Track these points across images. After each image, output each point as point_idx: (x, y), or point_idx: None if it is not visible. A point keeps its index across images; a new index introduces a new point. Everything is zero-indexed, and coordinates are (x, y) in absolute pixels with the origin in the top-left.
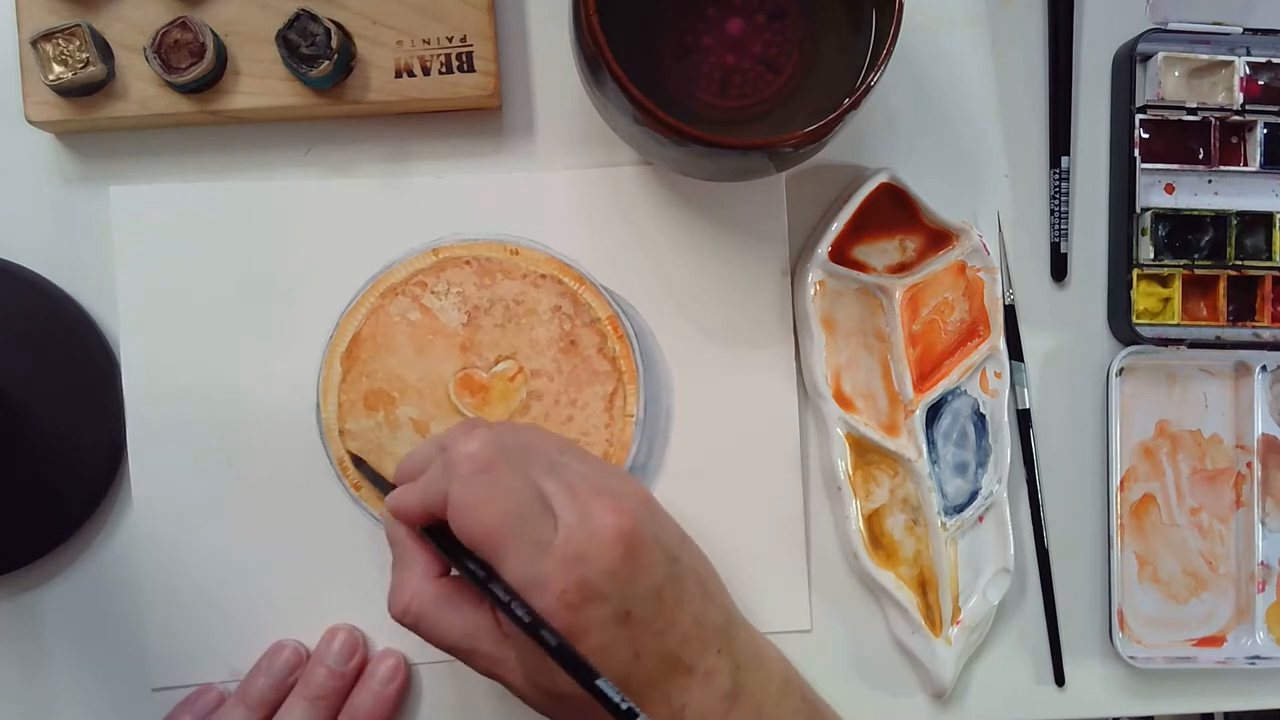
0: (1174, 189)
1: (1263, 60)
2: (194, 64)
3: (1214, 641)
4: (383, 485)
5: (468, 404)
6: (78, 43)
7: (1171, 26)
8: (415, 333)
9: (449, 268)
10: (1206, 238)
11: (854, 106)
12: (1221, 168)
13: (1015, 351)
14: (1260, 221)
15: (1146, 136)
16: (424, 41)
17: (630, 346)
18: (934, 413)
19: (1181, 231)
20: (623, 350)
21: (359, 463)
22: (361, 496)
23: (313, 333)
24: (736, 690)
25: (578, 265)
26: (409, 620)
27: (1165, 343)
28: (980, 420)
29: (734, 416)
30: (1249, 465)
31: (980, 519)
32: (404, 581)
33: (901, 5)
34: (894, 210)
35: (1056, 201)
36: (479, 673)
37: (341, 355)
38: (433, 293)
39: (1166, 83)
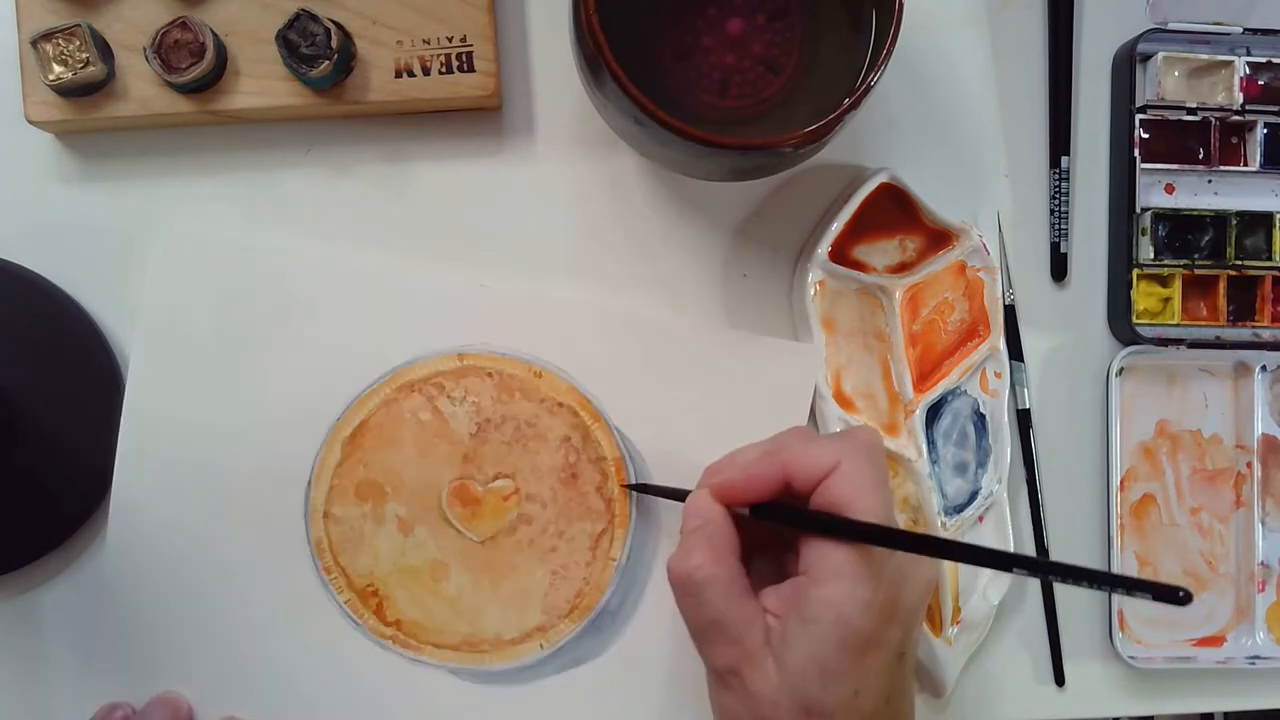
0: (1174, 189)
1: (1263, 60)
2: (194, 64)
3: (1214, 641)
4: (678, 493)
5: (457, 514)
6: (78, 43)
7: (1171, 26)
8: (422, 433)
9: (470, 375)
10: (1206, 238)
11: (854, 106)
12: (1221, 168)
13: (1015, 351)
14: (1260, 221)
15: (1146, 136)
16: (424, 41)
17: (629, 495)
18: (934, 413)
19: (1181, 231)
20: (620, 495)
21: (641, 488)
22: (330, 582)
23: (321, 410)
24: None
25: (596, 401)
26: (689, 584)
27: (1165, 343)
28: (980, 420)
29: None
30: (1249, 465)
31: (980, 519)
32: (698, 548)
33: (901, 5)
34: (894, 210)
35: (1056, 201)
36: (714, 670)
37: (345, 439)
38: (448, 397)
39: (1166, 83)
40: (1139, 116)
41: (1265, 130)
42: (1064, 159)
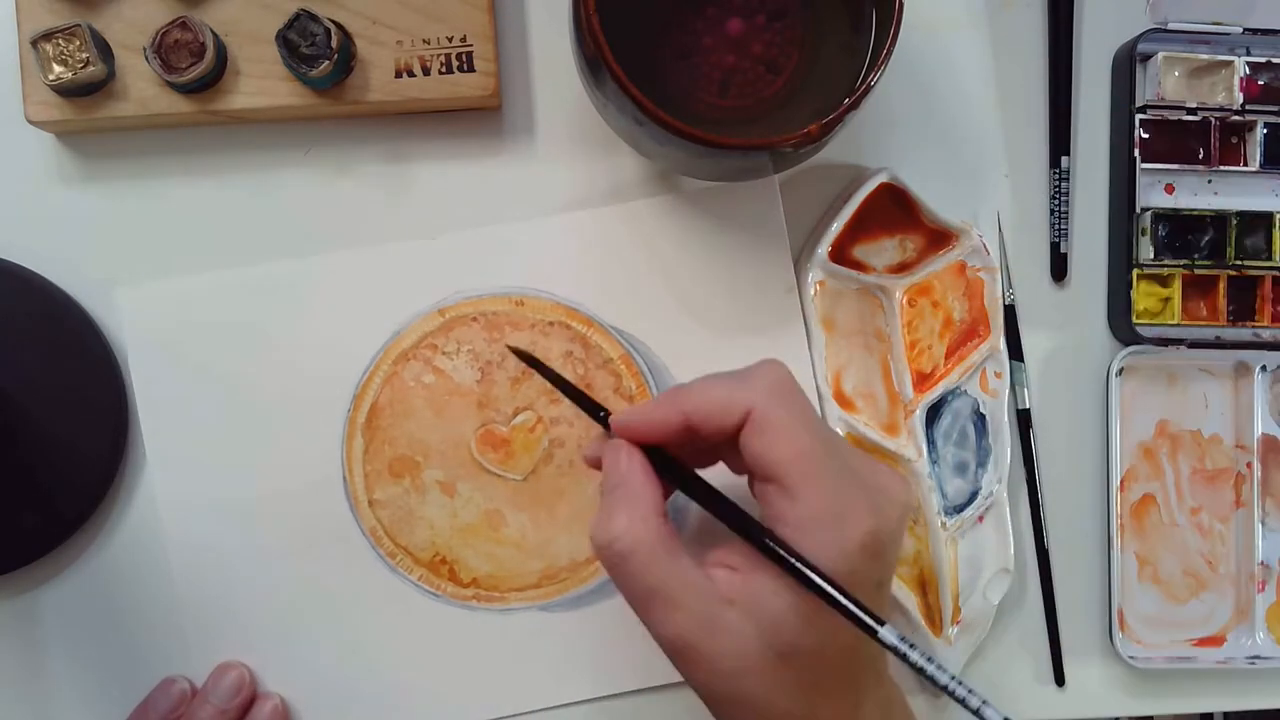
0: (1174, 189)
1: (1262, 60)
2: (194, 64)
3: (1214, 641)
4: (587, 403)
5: (491, 460)
6: (78, 43)
7: (1171, 26)
8: (431, 395)
9: (457, 327)
10: (1206, 238)
11: (854, 106)
12: (1221, 168)
13: (1015, 351)
14: (1260, 221)
15: (1146, 136)
16: (424, 41)
17: (646, 384)
18: (934, 413)
19: (1181, 231)
20: (639, 388)
21: (535, 363)
22: (398, 564)
23: (331, 407)
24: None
25: (584, 308)
26: (613, 556)
27: (1165, 343)
28: (980, 420)
29: None
30: (1249, 465)
31: (980, 519)
32: (618, 512)
33: (901, 5)
34: (894, 210)
35: (1056, 201)
36: (661, 637)
37: (362, 426)
38: (444, 353)
39: (1166, 83)
40: (1139, 116)
41: (1265, 130)
42: (1064, 159)
